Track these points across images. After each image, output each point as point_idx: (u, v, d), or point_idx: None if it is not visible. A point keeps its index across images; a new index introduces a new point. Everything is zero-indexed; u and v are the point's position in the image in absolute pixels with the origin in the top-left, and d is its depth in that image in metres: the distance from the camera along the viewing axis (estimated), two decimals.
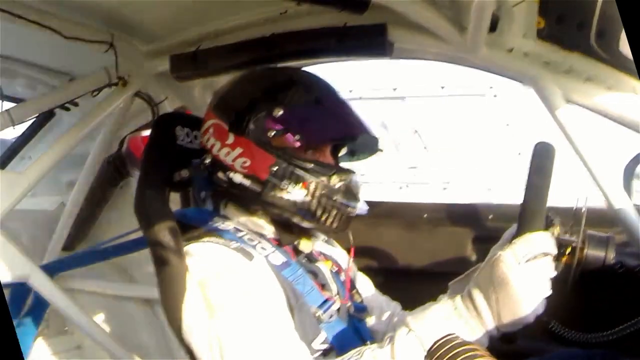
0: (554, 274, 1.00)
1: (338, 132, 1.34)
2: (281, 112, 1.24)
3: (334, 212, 1.24)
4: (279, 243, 1.30)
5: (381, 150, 1.44)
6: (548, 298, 1.00)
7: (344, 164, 1.39)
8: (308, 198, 1.22)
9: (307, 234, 1.35)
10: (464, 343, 0.76)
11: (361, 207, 1.28)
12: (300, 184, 1.22)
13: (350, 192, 1.27)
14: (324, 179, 1.24)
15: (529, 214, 1.06)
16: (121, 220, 2.21)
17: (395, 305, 1.51)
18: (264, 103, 1.26)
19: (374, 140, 1.42)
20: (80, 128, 1.78)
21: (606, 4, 1.09)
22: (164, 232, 1.24)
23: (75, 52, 1.69)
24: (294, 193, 1.22)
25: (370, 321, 1.40)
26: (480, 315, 0.98)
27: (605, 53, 1.15)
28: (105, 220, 2.31)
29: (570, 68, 1.21)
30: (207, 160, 1.29)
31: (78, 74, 1.86)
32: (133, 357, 2.02)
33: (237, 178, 1.24)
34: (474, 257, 1.81)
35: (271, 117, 1.24)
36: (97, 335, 1.96)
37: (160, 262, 1.22)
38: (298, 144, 1.24)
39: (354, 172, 1.31)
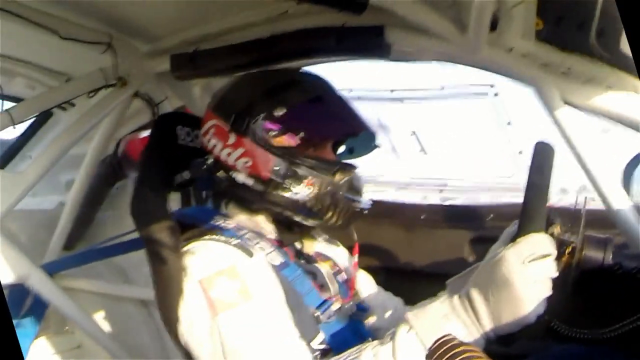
0: (555, 274, 0.99)
1: (339, 129, 1.35)
2: (282, 112, 1.24)
3: (339, 208, 1.25)
4: (279, 243, 1.30)
5: (379, 146, 1.44)
6: (549, 297, 0.99)
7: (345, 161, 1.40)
8: (312, 196, 1.23)
9: (308, 233, 1.35)
10: (461, 344, 0.76)
11: (365, 202, 1.29)
12: (304, 182, 1.23)
13: (354, 187, 1.28)
14: (327, 176, 1.25)
15: (529, 213, 1.05)
16: (121, 219, 2.21)
17: (398, 302, 1.51)
18: (264, 103, 1.26)
19: (372, 137, 1.43)
20: (79, 128, 1.78)
21: (606, 4, 1.08)
22: (160, 233, 1.24)
23: (74, 52, 1.69)
24: (298, 191, 1.23)
25: (372, 320, 1.40)
26: (478, 317, 0.96)
27: (606, 51, 1.14)
28: (105, 220, 2.31)
29: (569, 70, 1.21)
30: (209, 161, 1.30)
31: (77, 74, 1.86)
32: (132, 357, 2.03)
33: (240, 178, 1.25)
34: (472, 258, 1.81)
35: (272, 117, 1.24)
36: (97, 334, 1.96)
37: (156, 263, 1.23)
38: (299, 142, 1.25)
39: (356, 167, 1.32)
